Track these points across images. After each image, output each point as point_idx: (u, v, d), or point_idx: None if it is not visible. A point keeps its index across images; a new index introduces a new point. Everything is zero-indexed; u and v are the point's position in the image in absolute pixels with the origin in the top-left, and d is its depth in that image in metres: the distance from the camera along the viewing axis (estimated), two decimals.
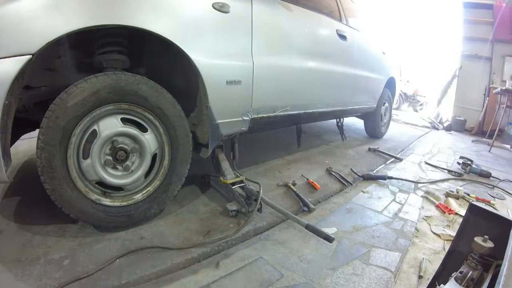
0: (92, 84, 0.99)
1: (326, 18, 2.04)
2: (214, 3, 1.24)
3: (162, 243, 1.08)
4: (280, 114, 1.70)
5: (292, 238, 1.21)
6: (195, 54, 1.16)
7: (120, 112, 1.09)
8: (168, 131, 1.18)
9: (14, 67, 0.81)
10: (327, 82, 2.06)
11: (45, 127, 0.93)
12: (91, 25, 0.92)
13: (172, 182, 1.23)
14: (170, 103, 1.16)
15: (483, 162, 2.73)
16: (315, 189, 1.70)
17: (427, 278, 0.99)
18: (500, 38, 4.39)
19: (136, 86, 1.07)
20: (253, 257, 1.06)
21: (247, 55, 1.41)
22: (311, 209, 1.45)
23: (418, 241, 1.25)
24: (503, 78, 4.36)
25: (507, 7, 4.30)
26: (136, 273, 0.93)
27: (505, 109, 3.73)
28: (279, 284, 0.94)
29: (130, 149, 1.12)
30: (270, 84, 1.57)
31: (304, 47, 1.77)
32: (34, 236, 1.07)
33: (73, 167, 1.02)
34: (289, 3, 1.66)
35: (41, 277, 0.88)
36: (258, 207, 1.27)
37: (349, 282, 0.97)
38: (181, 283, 0.92)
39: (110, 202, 1.10)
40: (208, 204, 1.43)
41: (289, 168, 2.04)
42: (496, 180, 2.17)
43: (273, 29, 1.56)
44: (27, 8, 0.83)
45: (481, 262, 0.80)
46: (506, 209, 1.68)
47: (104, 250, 1.03)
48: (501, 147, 3.64)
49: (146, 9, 1.04)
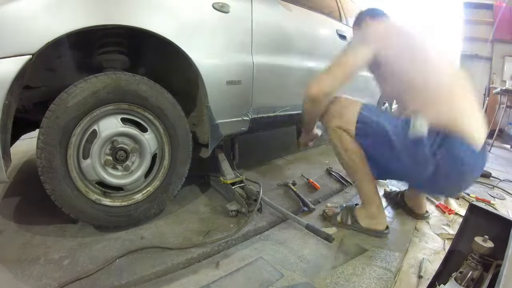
0: (92, 84, 0.99)
1: (326, 18, 2.04)
2: (214, 3, 1.24)
3: (162, 243, 1.08)
4: (280, 114, 1.70)
5: (292, 238, 1.21)
6: (195, 54, 1.16)
7: (120, 112, 1.09)
8: (168, 131, 1.18)
9: (14, 67, 0.81)
10: None
11: (45, 127, 0.93)
12: (91, 25, 0.92)
13: (172, 182, 1.23)
14: (170, 103, 1.16)
15: None
16: (315, 189, 1.70)
17: (427, 278, 0.99)
18: (500, 38, 4.39)
19: (136, 86, 1.07)
20: (253, 257, 1.06)
21: (247, 55, 1.41)
22: (311, 209, 1.45)
23: (418, 241, 1.25)
24: (503, 78, 4.35)
25: (507, 7, 4.30)
26: (136, 273, 0.93)
27: (505, 109, 3.73)
28: (279, 284, 0.94)
29: (130, 149, 1.12)
30: (270, 84, 1.57)
31: (304, 47, 1.77)
32: (34, 236, 1.08)
33: (73, 167, 1.02)
34: (289, 3, 1.66)
35: (41, 277, 0.88)
36: (258, 207, 1.27)
37: (349, 282, 0.97)
38: (181, 283, 0.92)
39: (110, 202, 1.10)
40: (208, 204, 1.43)
41: (289, 168, 2.04)
42: (496, 180, 2.17)
43: (273, 29, 1.56)
44: (27, 8, 0.83)
45: (481, 262, 0.80)
46: (506, 209, 1.68)
47: (104, 250, 1.03)
48: (501, 147, 3.64)
49: (146, 9, 1.04)
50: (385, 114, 1.15)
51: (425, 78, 1.07)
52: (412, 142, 1.03)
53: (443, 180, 1.06)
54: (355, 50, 1.15)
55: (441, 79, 1.08)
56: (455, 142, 0.99)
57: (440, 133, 1.00)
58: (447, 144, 0.99)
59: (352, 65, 1.12)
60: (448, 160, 1.01)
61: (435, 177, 1.05)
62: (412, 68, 1.09)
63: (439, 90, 1.05)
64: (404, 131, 1.04)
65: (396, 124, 1.08)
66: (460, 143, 0.99)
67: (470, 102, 1.07)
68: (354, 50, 1.15)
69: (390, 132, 1.07)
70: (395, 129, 1.07)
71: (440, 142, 1.00)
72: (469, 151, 1.00)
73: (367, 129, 1.12)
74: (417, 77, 1.08)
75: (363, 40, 1.17)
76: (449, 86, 1.07)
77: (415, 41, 1.16)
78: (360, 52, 1.13)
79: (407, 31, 1.19)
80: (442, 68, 1.12)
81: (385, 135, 1.07)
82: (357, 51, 1.14)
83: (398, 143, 1.06)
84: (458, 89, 1.08)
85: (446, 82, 1.07)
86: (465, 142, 0.99)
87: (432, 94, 1.05)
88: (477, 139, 1.01)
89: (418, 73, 1.08)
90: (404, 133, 1.04)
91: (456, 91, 1.07)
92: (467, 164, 1.01)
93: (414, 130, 1.02)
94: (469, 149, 1.00)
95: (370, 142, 1.14)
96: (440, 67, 1.12)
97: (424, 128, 1.00)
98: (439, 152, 1.00)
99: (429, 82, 1.06)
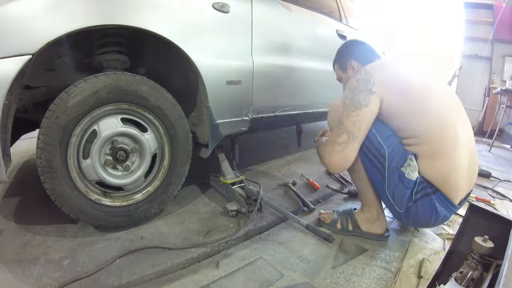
0: (92, 84, 0.99)
1: (326, 18, 2.04)
2: (214, 3, 1.24)
3: (162, 243, 1.08)
4: (280, 114, 1.70)
5: (292, 238, 1.21)
6: (195, 54, 1.16)
7: (120, 112, 1.09)
8: (168, 131, 1.18)
9: (14, 67, 0.81)
10: (327, 81, 2.06)
11: (45, 127, 0.93)
12: (91, 25, 0.92)
13: (172, 182, 1.23)
14: (170, 103, 1.16)
15: (483, 162, 2.72)
16: (315, 189, 1.70)
17: (427, 278, 0.99)
18: (500, 38, 4.39)
19: (136, 86, 1.07)
20: (253, 257, 1.06)
21: (247, 55, 1.41)
22: (311, 209, 1.45)
23: (418, 241, 1.25)
24: (503, 78, 4.35)
25: (507, 7, 4.30)
26: (136, 273, 0.93)
27: (505, 109, 3.73)
28: (279, 284, 0.94)
29: (130, 149, 1.12)
30: (270, 84, 1.57)
31: (304, 47, 1.77)
32: (34, 236, 1.08)
33: (73, 167, 1.02)
34: (289, 3, 1.66)
35: (41, 277, 0.88)
36: (258, 207, 1.27)
37: (349, 282, 0.97)
38: (181, 283, 0.92)
39: (110, 202, 1.10)
40: (208, 204, 1.43)
41: (289, 168, 2.04)
42: (496, 180, 2.17)
43: (273, 29, 1.56)
44: (27, 8, 0.83)
45: (481, 262, 0.80)
46: (506, 209, 1.68)
47: (104, 250, 1.03)
48: (501, 147, 3.64)
49: (146, 9, 1.04)
50: (392, 138, 1.07)
51: (430, 130, 1.00)
52: (400, 177, 1.04)
53: (412, 219, 1.10)
54: (363, 101, 1.04)
55: (446, 130, 1.00)
56: (438, 197, 1.01)
57: (427, 185, 1.01)
58: (429, 197, 1.01)
59: (368, 120, 1.05)
60: (424, 209, 1.03)
61: (406, 213, 1.08)
62: (416, 121, 1.02)
63: (442, 144, 0.99)
64: (398, 164, 1.04)
65: (394, 154, 1.05)
66: (441, 200, 1.01)
67: (469, 154, 1.03)
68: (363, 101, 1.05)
69: (387, 156, 1.05)
70: (391, 156, 1.05)
71: (424, 193, 1.02)
72: (447, 206, 1.03)
73: (369, 145, 1.10)
74: (422, 129, 1.01)
75: (366, 85, 1.06)
76: (452, 139, 1.00)
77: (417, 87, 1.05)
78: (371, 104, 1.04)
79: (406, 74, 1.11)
80: (447, 113, 1.03)
81: (382, 158, 1.07)
82: (367, 102, 1.04)
83: (389, 171, 1.06)
84: (461, 139, 1.01)
85: (451, 135, 1.00)
86: (446, 199, 1.01)
87: (434, 148, 1.00)
88: (459, 197, 1.03)
89: (421, 125, 1.01)
90: (397, 165, 1.04)
91: (459, 143, 1.00)
92: (440, 216, 1.04)
93: (404, 172, 1.02)
94: (448, 205, 1.02)
95: (367, 157, 1.12)
96: (445, 114, 1.02)
97: (414, 176, 1.01)
98: (419, 200, 1.03)
99: (433, 135, 1.00)
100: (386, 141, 1.07)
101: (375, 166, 1.10)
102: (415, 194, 1.02)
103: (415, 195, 1.03)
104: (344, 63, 1.33)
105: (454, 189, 1.00)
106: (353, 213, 1.29)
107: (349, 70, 1.32)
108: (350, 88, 1.11)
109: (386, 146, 1.06)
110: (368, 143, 1.09)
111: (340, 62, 1.37)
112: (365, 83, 1.06)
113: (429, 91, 1.06)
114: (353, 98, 1.07)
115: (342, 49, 1.37)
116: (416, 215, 1.06)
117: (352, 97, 1.08)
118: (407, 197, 1.04)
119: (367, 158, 1.12)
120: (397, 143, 1.06)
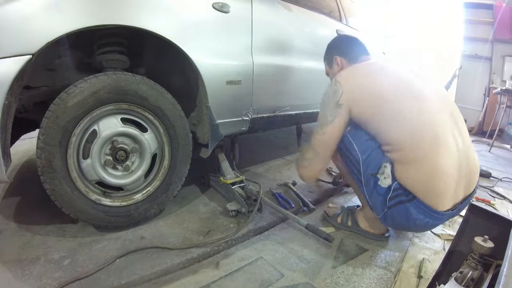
0: (92, 84, 0.99)
1: (326, 18, 2.04)
2: (214, 3, 1.24)
3: (162, 243, 1.08)
4: (280, 114, 1.70)
5: (292, 238, 1.21)
6: (195, 54, 1.16)
7: (120, 112, 1.09)
8: (168, 131, 1.18)
9: (14, 67, 0.81)
10: (327, 82, 2.06)
11: (45, 127, 0.93)
12: (91, 25, 0.92)
13: (172, 182, 1.23)
14: (170, 103, 1.16)
15: (483, 162, 2.72)
16: (315, 189, 1.70)
17: (427, 278, 0.99)
18: (500, 38, 4.39)
19: (136, 86, 1.07)
20: (253, 257, 1.06)
21: (247, 55, 1.41)
22: (311, 209, 1.45)
23: (418, 241, 1.25)
24: (503, 78, 4.35)
25: (507, 7, 4.30)
26: (136, 273, 0.93)
27: (505, 109, 3.73)
28: (279, 284, 0.94)
29: (130, 149, 1.12)
30: (270, 84, 1.57)
31: (304, 47, 1.77)
32: (34, 236, 1.08)
33: (73, 167, 1.02)
34: (289, 3, 1.66)
35: (41, 277, 0.88)
36: (258, 207, 1.27)
37: (349, 282, 0.97)
38: (181, 283, 0.92)
39: (110, 202, 1.10)
40: (208, 204, 1.43)
41: (289, 168, 2.04)
42: (496, 180, 2.17)
43: (273, 29, 1.56)
44: (27, 8, 0.83)
45: (481, 262, 0.80)
46: (506, 209, 1.68)
47: (104, 250, 1.03)
48: (501, 147, 3.64)
49: (146, 9, 1.04)
50: (369, 142, 1.06)
51: (400, 137, 0.97)
52: (374, 184, 1.02)
53: (392, 224, 1.09)
54: (329, 117, 1.07)
55: (423, 134, 0.95)
56: (415, 205, 0.96)
57: (403, 192, 0.97)
58: (404, 205, 0.97)
59: (334, 138, 1.09)
60: (400, 216, 1.00)
61: (384, 218, 1.06)
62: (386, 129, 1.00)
63: (418, 149, 0.94)
64: (373, 170, 1.02)
65: (370, 160, 1.03)
66: (419, 207, 0.96)
67: (459, 154, 0.97)
68: (329, 117, 1.07)
69: (361, 163, 1.05)
70: (365, 163, 1.04)
71: (398, 200, 0.98)
72: (427, 213, 0.96)
73: (346, 152, 1.10)
74: (393, 137, 0.98)
75: (334, 97, 1.06)
76: (430, 142, 0.94)
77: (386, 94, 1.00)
78: (337, 120, 1.06)
79: (378, 80, 1.05)
80: (427, 115, 0.97)
81: (357, 165, 1.07)
82: (333, 118, 1.06)
83: (365, 177, 1.05)
84: (443, 140, 0.95)
85: (428, 138, 0.94)
86: (426, 206, 0.95)
87: (410, 154, 0.95)
88: (445, 202, 0.96)
89: (392, 133, 0.98)
90: (372, 171, 1.03)
91: (441, 144, 0.94)
92: (421, 223, 0.98)
93: (379, 178, 1.01)
94: (428, 211, 0.96)
95: (346, 162, 1.13)
96: (423, 116, 0.97)
97: (386, 183, 0.99)
98: (393, 207, 1.00)
99: (405, 142, 0.96)
100: (363, 146, 1.06)
101: (353, 172, 1.11)
102: (389, 200, 1.00)
103: (389, 201, 1.00)
104: (330, 58, 1.33)
105: (435, 195, 0.94)
106: (355, 210, 1.31)
107: (334, 66, 1.32)
108: (321, 101, 1.15)
109: (361, 152, 1.06)
110: (345, 150, 1.11)
111: (327, 57, 1.37)
112: (333, 95, 1.08)
113: (403, 96, 1.00)
114: (321, 114, 1.12)
115: (330, 44, 1.37)
116: (393, 221, 1.05)
117: (321, 113, 1.14)
118: (381, 203, 1.02)
119: (346, 163, 1.13)
120: (374, 148, 1.04)
